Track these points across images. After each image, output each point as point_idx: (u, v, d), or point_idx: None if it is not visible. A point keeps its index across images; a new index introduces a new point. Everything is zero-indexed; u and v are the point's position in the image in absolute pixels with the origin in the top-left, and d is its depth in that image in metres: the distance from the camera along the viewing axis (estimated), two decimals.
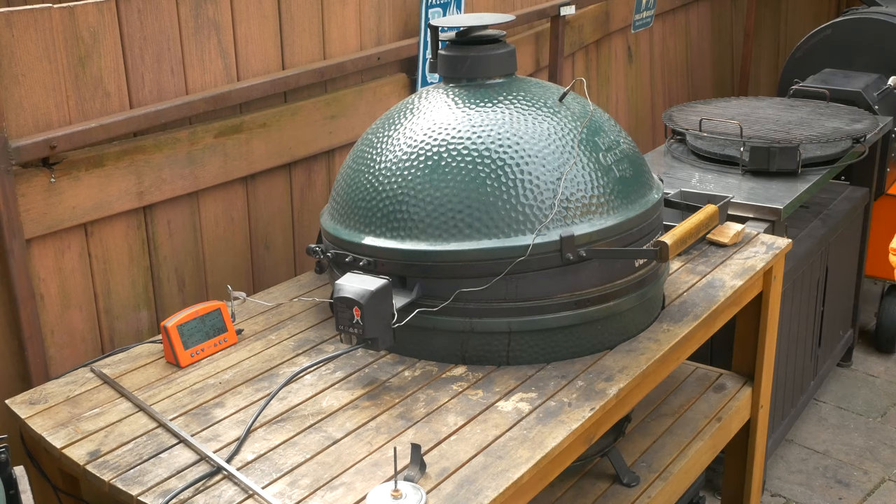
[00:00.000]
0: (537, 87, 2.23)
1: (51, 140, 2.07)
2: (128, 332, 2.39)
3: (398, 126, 2.16)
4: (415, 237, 2.01)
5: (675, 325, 2.21)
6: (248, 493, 1.65)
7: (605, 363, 2.05)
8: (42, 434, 1.83)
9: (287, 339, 2.20)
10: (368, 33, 2.92)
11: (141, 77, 2.30)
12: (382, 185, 2.08)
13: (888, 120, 3.99)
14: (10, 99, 2.03)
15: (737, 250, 2.61)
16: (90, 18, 2.16)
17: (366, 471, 1.70)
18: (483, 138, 2.05)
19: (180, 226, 2.48)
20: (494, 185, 2.00)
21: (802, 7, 6.66)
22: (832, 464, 3.57)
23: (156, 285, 2.45)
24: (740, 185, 3.28)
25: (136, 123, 2.26)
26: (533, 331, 2.03)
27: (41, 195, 2.11)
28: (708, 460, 2.56)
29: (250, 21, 2.53)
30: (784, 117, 3.77)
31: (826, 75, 4.61)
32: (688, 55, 5.41)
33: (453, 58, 2.22)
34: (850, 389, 4.07)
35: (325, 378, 2.02)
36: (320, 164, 2.85)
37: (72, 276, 2.24)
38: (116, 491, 1.68)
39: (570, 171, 2.03)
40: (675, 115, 3.83)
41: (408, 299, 2.00)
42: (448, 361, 2.07)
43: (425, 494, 1.62)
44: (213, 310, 2.15)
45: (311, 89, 2.74)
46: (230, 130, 2.51)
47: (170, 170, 2.38)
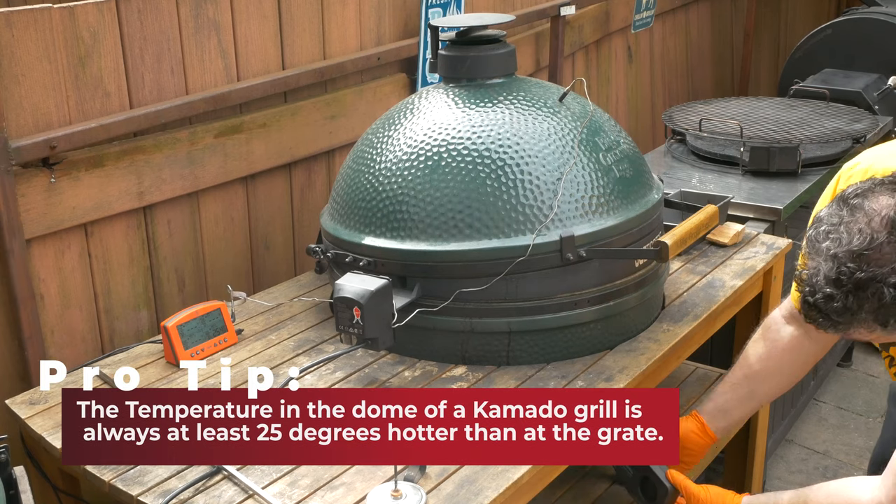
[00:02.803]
0: (537, 87, 2.23)
1: (51, 140, 2.06)
2: (128, 332, 2.39)
3: (398, 126, 2.16)
4: (415, 237, 2.01)
5: (675, 325, 2.21)
6: (248, 493, 1.65)
7: (605, 363, 2.05)
8: (42, 434, 1.83)
9: (287, 339, 2.19)
10: (368, 33, 2.92)
11: (141, 77, 2.29)
12: (382, 185, 2.08)
13: (888, 120, 3.99)
14: (10, 99, 2.03)
15: (737, 250, 2.61)
16: (90, 18, 2.16)
17: (366, 471, 1.70)
18: (483, 138, 2.05)
19: (180, 226, 2.48)
20: (494, 185, 2.00)
21: (802, 7, 6.66)
22: (832, 464, 3.56)
23: (156, 285, 2.45)
24: (740, 186, 3.28)
25: (136, 123, 2.26)
26: (533, 331, 2.03)
27: (41, 195, 2.11)
28: (708, 460, 2.56)
29: (250, 21, 2.53)
30: (784, 117, 3.77)
31: (826, 75, 4.61)
32: (688, 55, 5.41)
33: (453, 58, 2.22)
34: (850, 389, 4.07)
35: (325, 378, 2.02)
36: (320, 164, 2.85)
37: (72, 276, 2.24)
38: (116, 491, 1.68)
39: (570, 172, 2.03)
40: (675, 115, 3.83)
41: (408, 299, 2.00)
42: (448, 361, 2.07)
43: (425, 494, 1.62)
44: (213, 310, 2.14)
45: (311, 89, 2.74)
46: (230, 130, 2.51)
47: (170, 170, 2.37)
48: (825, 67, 4.76)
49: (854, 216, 1.43)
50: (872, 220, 1.41)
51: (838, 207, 1.47)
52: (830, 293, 1.43)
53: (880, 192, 1.45)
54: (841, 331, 1.50)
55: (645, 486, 2.04)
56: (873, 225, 1.41)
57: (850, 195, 1.47)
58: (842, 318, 1.45)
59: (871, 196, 1.45)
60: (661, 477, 2.00)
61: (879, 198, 1.43)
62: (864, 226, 1.41)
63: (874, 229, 1.40)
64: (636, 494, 2.06)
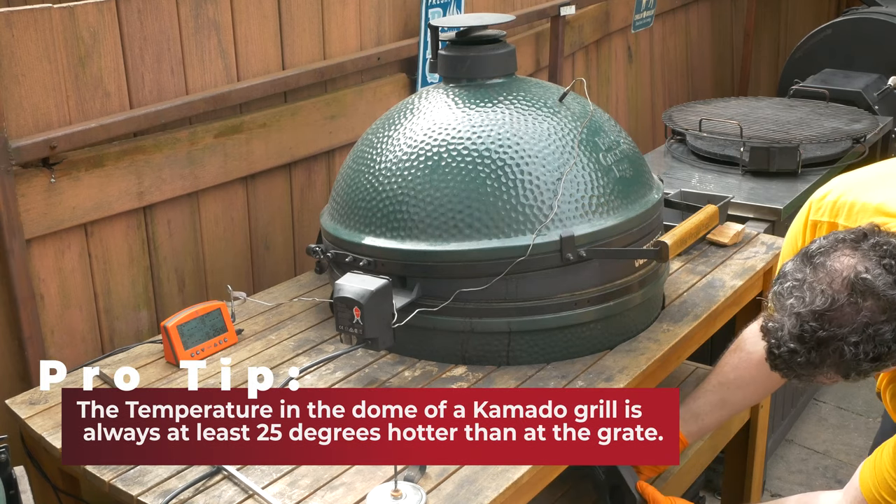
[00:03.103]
0: (537, 87, 2.23)
1: (51, 140, 2.06)
2: (128, 332, 2.39)
3: (398, 126, 2.16)
4: (415, 237, 2.01)
5: (675, 325, 2.21)
6: (248, 493, 1.65)
7: (605, 363, 2.05)
8: (42, 434, 1.83)
9: (287, 339, 2.19)
10: (368, 33, 2.92)
11: (141, 77, 2.29)
12: (382, 186, 2.08)
13: (888, 120, 3.99)
14: (10, 99, 2.03)
15: (737, 250, 2.61)
16: (90, 18, 2.16)
17: (366, 471, 1.70)
18: (483, 138, 2.05)
19: (180, 226, 2.48)
20: (494, 185, 2.00)
21: (802, 7, 6.66)
22: (832, 464, 3.56)
23: (156, 285, 2.45)
24: (740, 186, 3.28)
25: (136, 123, 2.26)
26: (533, 331, 2.03)
27: (41, 195, 2.11)
28: (708, 460, 2.56)
29: (250, 21, 2.53)
30: (784, 117, 3.77)
31: (826, 75, 4.61)
32: (688, 55, 5.41)
33: (453, 58, 2.22)
34: (850, 389, 4.07)
35: (325, 378, 2.02)
36: (320, 164, 2.85)
37: (72, 276, 2.24)
38: (116, 491, 1.68)
39: (570, 172, 2.03)
40: (675, 115, 3.83)
41: (408, 299, 2.00)
42: (448, 361, 2.07)
43: (425, 494, 1.62)
44: (213, 310, 2.14)
45: (311, 89, 2.74)
46: (230, 130, 2.51)
47: (170, 170, 2.37)
48: (825, 67, 4.77)
49: (817, 275, 1.49)
50: (834, 282, 1.48)
51: (802, 264, 1.53)
52: (794, 348, 1.50)
53: (842, 249, 1.51)
54: (804, 380, 1.58)
55: (614, 494, 2.06)
56: (834, 286, 1.47)
57: (815, 252, 1.53)
58: (805, 371, 1.53)
59: (833, 255, 1.51)
60: (630, 487, 2.02)
61: (841, 258, 1.49)
62: (826, 286, 1.47)
63: (835, 290, 1.47)
64: (604, 501, 2.08)
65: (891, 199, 1.69)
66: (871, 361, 1.47)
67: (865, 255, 1.48)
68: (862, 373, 1.49)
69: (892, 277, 1.45)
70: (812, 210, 1.82)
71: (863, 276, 1.45)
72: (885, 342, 1.45)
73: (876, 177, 1.83)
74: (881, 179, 1.80)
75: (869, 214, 1.69)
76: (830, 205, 1.77)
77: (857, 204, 1.72)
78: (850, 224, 1.72)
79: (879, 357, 1.46)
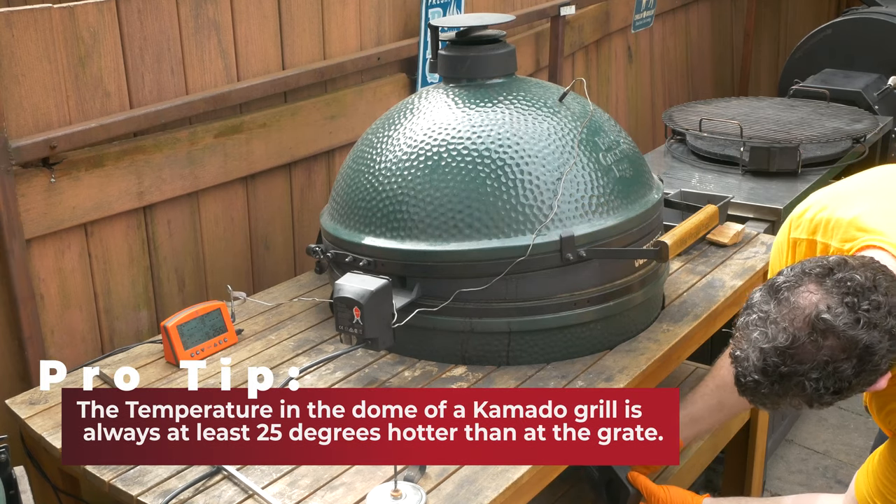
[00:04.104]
0: (537, 87, 2.23)
1: (51, 140, 2.06)
2: (128, 332, 2.39)
3: (398, 126, 2.16)
4: (415, 237, 2.01)
5: (675, 325, 2.21)
6: (248, 493, 1.65)
7: (605, 363, 2.05)
8: (42, 434, 1.83)
9: (287, 339, 2.19)
10: (368, 33, 2.92)
11: (141, 77, 2.29)
12: (382, 186, 2.08)
13: (888, 120, 3.99)
14: (10, 99, 2.03)
15: (737, 250, 2.61)
16: (90, 18, 2.16)
17: (366, 471, 1.70)
18: (483, 138, 2.05)
19: (180, 226, 2.48)
20: (494, 185, 2.00)
21: (802, 7, 6.66)
22: (832, 464, 3.56)
23: (156, 285, 2.45)
24: (740, 185, 3.28)
25: (136, 123, 2.26)
26: (533, 331, 2.03)
27: (41, 195, 2.11)
28: (708, 460, 2.56)
29: (250, 21, 2.53)
30: (784, 117, 3.77)
31: (826, 75, 4.61)
32: (688, 55, 5.41)
33: (453, 58, 2.22)
34: None
35: (325, 378, 2.02)
36: (320, 164, 2.85)
37: (72, 276, 2.24)
38: (116, 491, 1.68)
39: (570, 171, 2.03)
40: (675, 115, 3.83)
41: (408, 299, 2.00)
42: (448, 361, 2.07)
43: (425, 494, 1.62)
44: (213, 310, 2.15)
45: (311, 89, 2.74)
46: (230, 130, 2.51)
47: (170, 170, 2.37)
48: (825, 67, 4.77)
49: (780, 311, 1.52)
50: (796, 319, 1.50)
51: (769, 296, 1.55)
52: (758, 380, 1.54)
53: (807, 284, 1.52)
54: (770, 408, 1.63)
55: (610, 488, 2.06)
56: (796, 324, 1.49)
57: (780, 286, 1.54)
58: (769, 400, 1.57)
59: (797, 291, 1.52)
60: (623, 479, 2.03)
61: (805, 293, 1.51)
62: (788, 324, 1.50)
63: (796, 328, 1.49)
64: (601, 497, 2.09)
65: (865, 213, 1.70)
66: (833, 395, 1.50)
67: (829, 293, 1.49)
68: (825, 403, 1.53)
69: (853, 316, 1.47)
70: (791, 228, 1.83)
71: (823, 317, 1.47)
72: (845, 378, 1.48)
73: (854, 191, 1.84)
74: (858, 194, 1.81)
75: (844, 229, 1.70)
76: (808, 222, 1.78)
77: (832, 219, 1.73)
78: (827, 240, 1.73)
79: (840, 391, 1.50)
